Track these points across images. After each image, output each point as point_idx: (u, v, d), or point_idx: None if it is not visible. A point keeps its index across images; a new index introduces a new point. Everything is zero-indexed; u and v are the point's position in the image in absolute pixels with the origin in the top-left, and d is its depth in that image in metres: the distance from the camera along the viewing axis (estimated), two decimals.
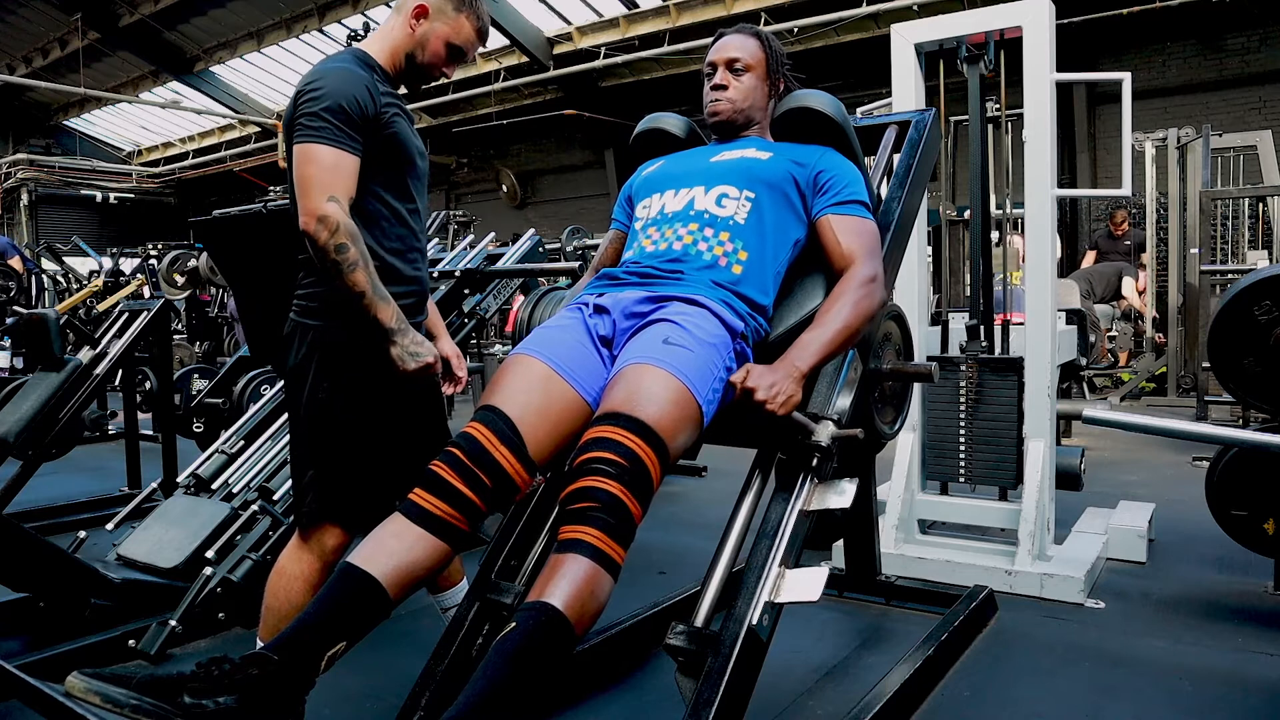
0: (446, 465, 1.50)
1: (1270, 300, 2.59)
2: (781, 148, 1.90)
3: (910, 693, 2.03)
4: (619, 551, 1.39)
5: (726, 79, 1.96)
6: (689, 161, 1.95)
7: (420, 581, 1.49)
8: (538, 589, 1.35)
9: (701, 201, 1.81)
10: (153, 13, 13.40)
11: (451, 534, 1.49)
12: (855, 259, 1.76)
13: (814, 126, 1.91)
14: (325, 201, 1.70)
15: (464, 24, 1.91)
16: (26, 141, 18.10)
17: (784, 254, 1.82)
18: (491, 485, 1.49)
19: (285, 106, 1.86)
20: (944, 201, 5.91)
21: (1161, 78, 9.38)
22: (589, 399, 1.60)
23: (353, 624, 1.44)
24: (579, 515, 1.39)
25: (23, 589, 2.49)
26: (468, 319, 3.38)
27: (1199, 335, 6.15)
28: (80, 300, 8.27)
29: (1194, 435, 2.71)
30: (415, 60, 1.90)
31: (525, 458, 1.52)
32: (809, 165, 1.84)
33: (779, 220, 1.81)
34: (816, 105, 1.91)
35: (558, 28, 12.01)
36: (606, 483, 1.39)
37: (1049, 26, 2.85)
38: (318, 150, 1.72)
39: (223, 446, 3.14)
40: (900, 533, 3.09)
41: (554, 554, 1.39)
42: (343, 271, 1.71)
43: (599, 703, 2.11)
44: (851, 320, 1.66)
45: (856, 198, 1.83)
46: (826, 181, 1.83)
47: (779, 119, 1.95)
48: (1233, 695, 2.12)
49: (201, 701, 1.30)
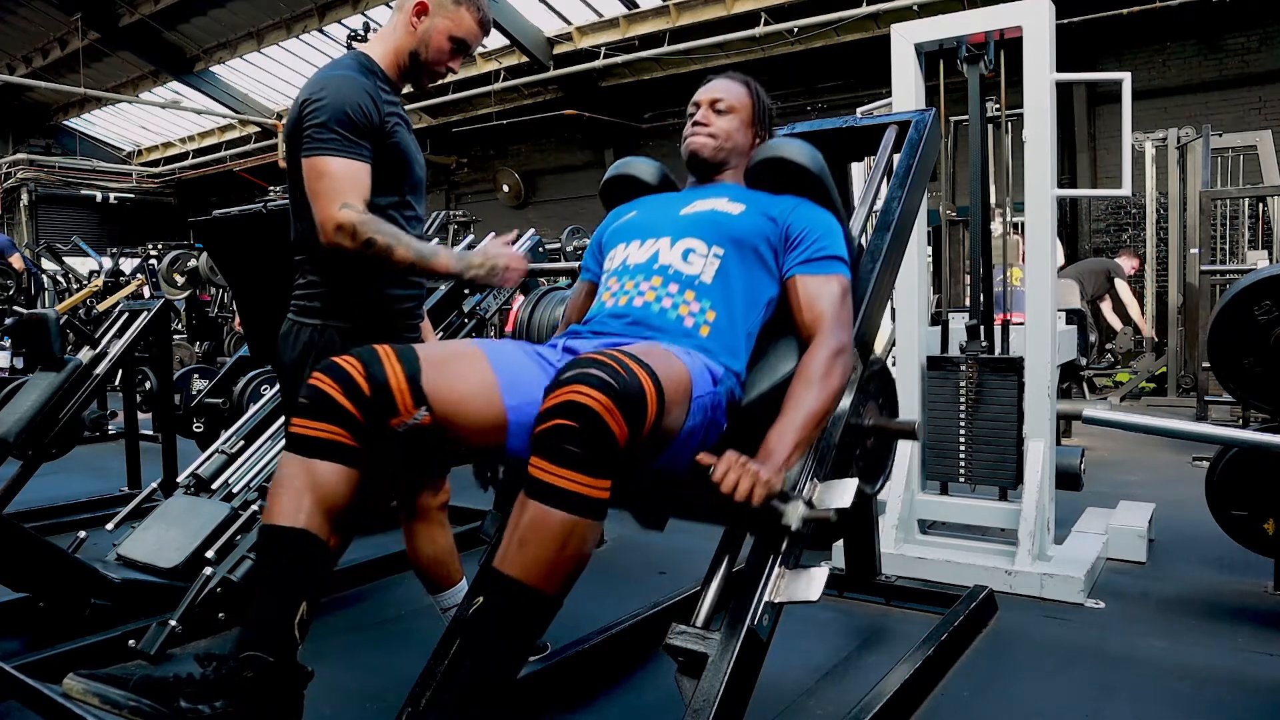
0: (327, 374, 1.43)
1: (1270, 300, 2.59)
2: (755, 199, 1.82)
3: (910, 693, 2.03)
4: (599, 486, 1.27)
5: (708, 117, 1.91)
6: (658, 211, 1.87)
7: (341, 511, 1.43)
8: (503, 548, 1.29)
9: (667, 255, 1.73)
10: (153, 13, 13.39)
11: (343, 453, 1.41)
12: (821, 328, 1.66)
13: (789, 177, 1.83)
14: (339, 210, 1.71)
15: (464, 16, 1.91)
16: (26, 141, 18.08)
17: (756, 314, 1.73)
18: (370, 395, 1.41)
19: (288, 111, 1.87)
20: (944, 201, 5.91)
21: (1161, 78, 9.38)
22: (508, 404, 1.47)
23: (301, 582, 1.40)
24: (549, 444, 1.26)
25: (23, 589, 2.49)
26: (468, 319, 3.39)
27: (1199, 335, 6.15)
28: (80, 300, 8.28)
29: (1194, 435, 2.71)
30: (419, 58, 1.91)
31: (416, 383, 1.43)
32: (781, 219, 1.76)
33: (749, 279, 1.72)
34: (792, 156, 1.83)
35: (558, 28, 12.01)
36: (592, 394, 1.25)
37: (1049, 26, 2.85)
38: (326, 162, 1.74)
39: (223, 446, 3.14)
40: (900, 533, 3.09)
41: (521, 495, 1.29)
42: (386, 258, 1.74)
43: (599, 703, 2.11)
44: (821, 404, 1.57)
45: (828, 253, 1.74)
46: (798, 236, 1.75)
47: (754, 168, 1.88)
48: (1233, 695, 2.12)
49: (198, 706, 1.30)
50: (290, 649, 1.37)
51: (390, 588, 2.96)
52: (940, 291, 6.51)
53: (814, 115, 10.58)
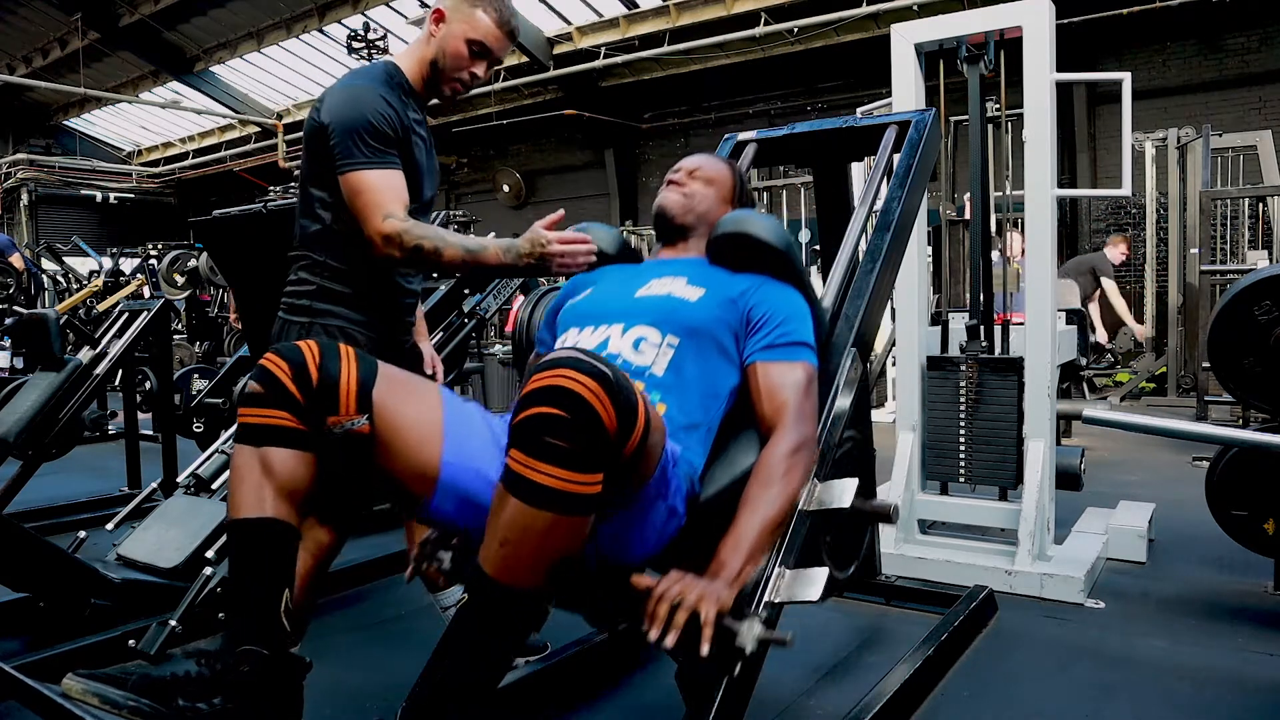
0: (278, 354, 1.41)
1: (1270, 300, 2.59)
2: (715, 280, 1.69)
3: (910, 693, 2.03)
4: (588, 481, 1.18)
5: (685, 180, 1.85)
6: (613, 290, 1.76)
7: (304, 495, 1.41)
8: (485, 545, 1.25)
9: (616, 343, 1.61)
10: (153, 13, 13.39)
11: (292, 437, 1.39)
12: (781, 420, 1.54)
13: (754, 253, 1.71)
14: (382, 221, 1.72)
15: (480, 18, 1.88)
16: (26, 141, 18.09)
17: (716, 406, 1.60)
18: (317, 386, 1.38)
19: (311, 110, 1.87)
20: (944, 201, 5.91)
21: (1161, 78, 9.38)
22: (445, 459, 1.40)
23: (278, 571, 1.39)
24: (532, 436, 1.17)
25: (23, 589, 2.49)
26: (468, 319, 3.39)
27: (1199, 335, 6.15)
28: (80, 300, 8.27)
29: (1194, 435, 2.71)
30: (439, 66, 1.90)
31: (366, 392, 1.39)
32: (742, 302, 1.64)
33: (706, 370, 1.59)
34: (756, 231, 1.71)
35: (558, 28, 12.02)
36: (581, 379, 1.17)
37: (1049, 26, 2.85)
38: (361, 177, 1.75)
39: (223, 446, 3.14)
40: (900, 533, 3.09)
41: (499, 486, 1.22)
42: (437, 263, 1.74)
43: (599, 703, 2.11)
44: (780, 509, 1.45)
45: (792, 338, 1.62)
46: (761, 319, 1.63)
47: (715, 240, 1.76)
48: (1233, 695, 2.12)
49: (197, 704, 1.30)
50: (283, 640, 1.37)
51: (390, 588, 2.96)
52: (940, 291, 6.51)
53: (814, 115, 10.59)
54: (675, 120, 13.22)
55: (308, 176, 1.88)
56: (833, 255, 2.08)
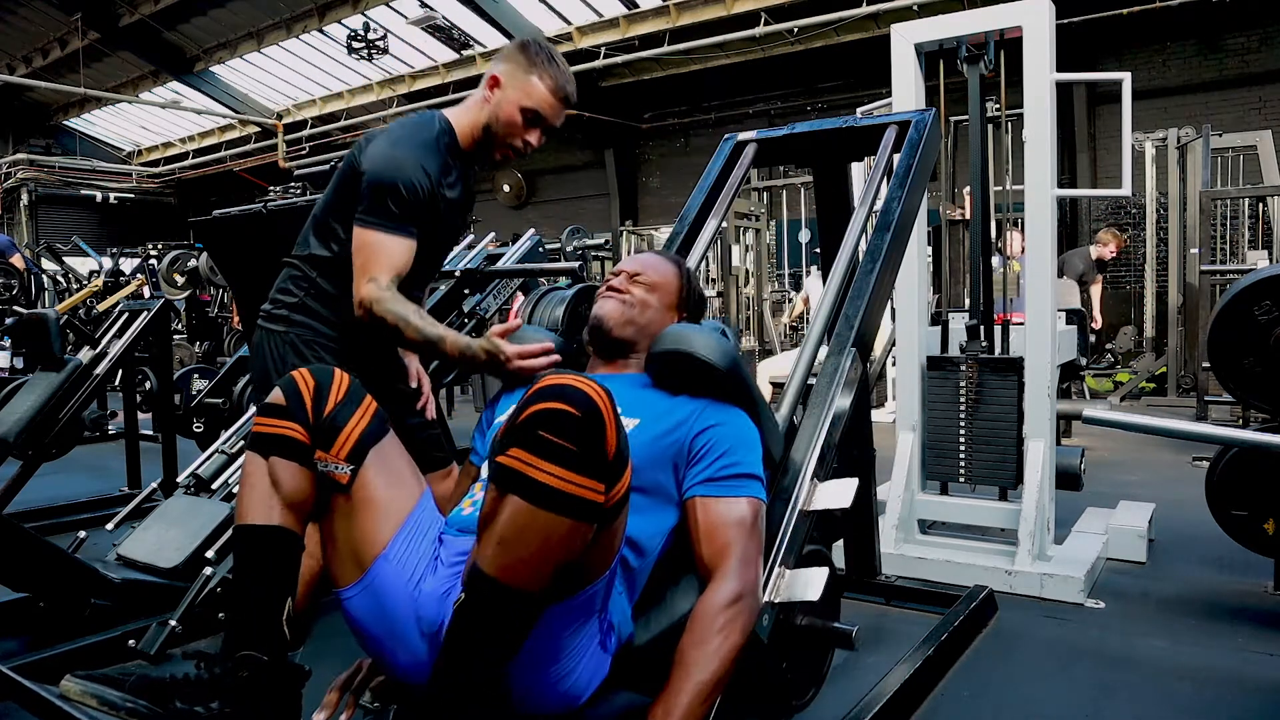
0: (314, 374, 1.41)
1: (1270, 300, 2.59)
2: (653, 406, 1.52)
3: (910, 693, 2.03)
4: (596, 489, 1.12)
5: (626, 285, 1.68)
6: None
7: (308, 503, 1.41)
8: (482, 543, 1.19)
9: None
10: (153, 13, 13.38)
11: (298, 450, 1.38)
12: (720, 566, 1.39)
13: (696, 375, 1.53)
14: (364, 284, 1.76)
15: (535, 86, 1.89)
16: (26, 141, 18.07)
17: (652, 548, 1.47)
18: (326, 416, 1.38)
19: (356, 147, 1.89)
20: (944, 201, 5.91)
21: (1161, 78, 9.38)
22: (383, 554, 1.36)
23: (282, 578, 1.39)
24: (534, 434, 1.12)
25: (23, 589, 2.49)
26: (468, 319, 3.38)
27: (1199, 335, 6.15)
28: (80, 300, 8.27)
29: (1194, 435, 2.71)
30: (491, 130, 1.91)
31: (363, 449, 1.38)
32: (682, 430, 1.48)
33: (641, 508, 1.41)
34: (698, 350, 1.52)
35: (558, 28, 12.01)
36: (591, 386, 1.14)
37: (1049, 26, 2.85)
38: (371, 236, 1.79)
39: (223, 446, 3.14)
40: (900, 533, 3.09)
41: (492, 486, 1.17)
42: (398, 338, 1.77)
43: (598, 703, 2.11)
44: (716, 670, 1.31)
45: (736, 470, 1.46)
46: (702, 448, 1.47)
47: (654, 359, 1.57)
48: (1233, 695, 2.12)
49: (194, 707, 1.30)
50: (283, 646, 1.37)
51: None
52: (940, 291, 6.51)
53: (814, 115, 10.59)
54: (675, 120, 13.23)
55: (330, 206, 1.91)
56: (833, 255, 2.08)
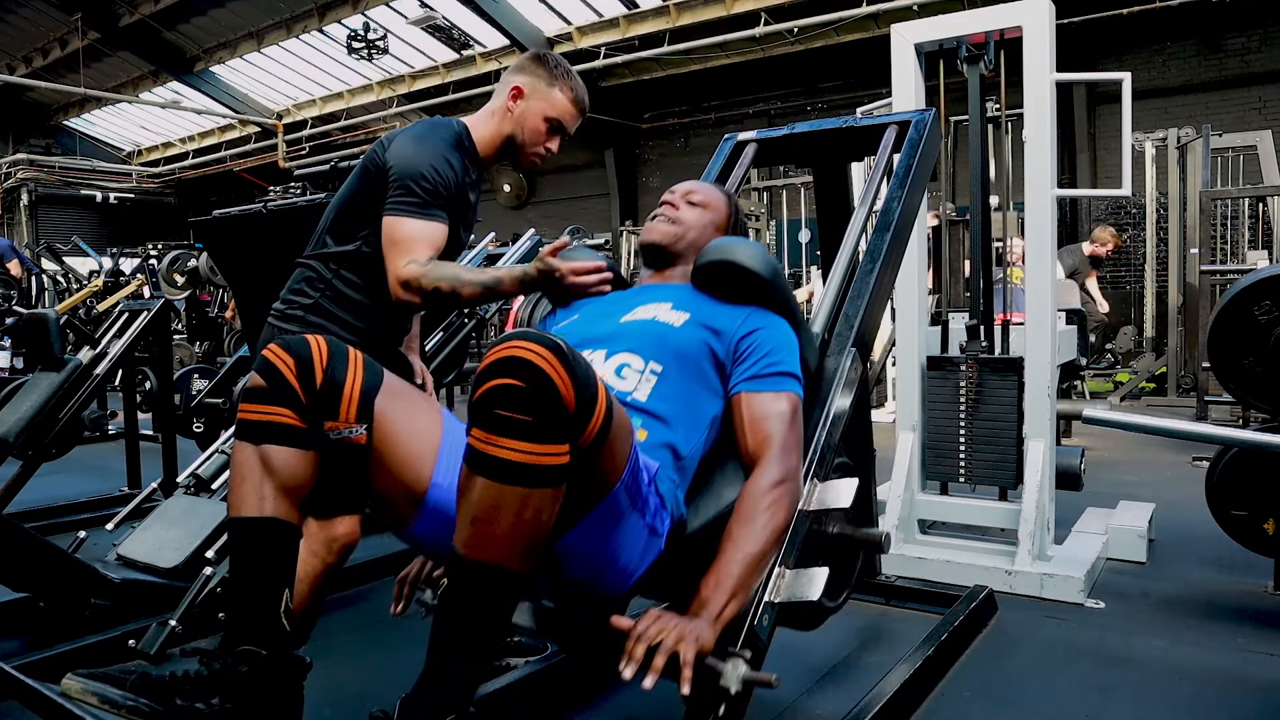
0: (285, 348, 1.37)
1: (1270, 300, 2.59)
2: (701, 307, 1.65)
3: (910, 693, 2.03)
4: (554, 451, 1.15)
5: (680, 203, 1.82)
6: (598, 316, 1.72)
7: (305, 492, 1.40)
8: (458, 526, 1.22)
9: (599, 369, 1.56)
10: (153, 13, 13.39)
11: (293, 435, 1.36)
12: (766, 452, 1.50)
13: (740, 282, 1.66)
14: (404, 266, 1.77)
15: (558, 97, 1.97)
16: (26, 141, 18.09)
17: (698, 436, 1.56)
18: (320, 385, 1.35)
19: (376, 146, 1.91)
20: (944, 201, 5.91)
21: (1161, 78, 9.38)
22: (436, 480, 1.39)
23: (279, 571, 1.38)
24: (488, 412, 1.15)
25: (23, 589, 2.49)
26: (468, 319, 3.38)
27: (1199, 335, 6.15)
28: (80, 300, 8.27)
29: (1194, 435, 2.71)
30: (516, 140, 1.98)
31: (369, 401, 1.37)
32: (729, 331, 1.60)
33: (689, 397, 1.55)
34: (742, 259, 1.65)
35: (558, 28, 12.01)
36: (536, 349, 1.14)
37: (1049, 26, 2.85)
38: (402, 223, 1.80)
39: (223, 446, 3.14)
40: (900, 533, 3.09)
41: (463, 466, 1.20)
42: (456, 300, 1.79)
43: (599, 703, 2.11)
44: (763, 545, 1.42)
45: (778, 369, 1.58)
46: (747, 349, 1.59)
47: (700, 269, 1.70)
48: (1233, 695, 2.12)
49: (195, 704, 1.30)
50: (282, 640, 1.37)
51: (391, 587, 2.95)
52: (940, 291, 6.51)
53: (814, 115, 10.59)
54: (675, 120, 13.23)
55: (349, 205, 1.92)
56: (833, 255, 2.08)
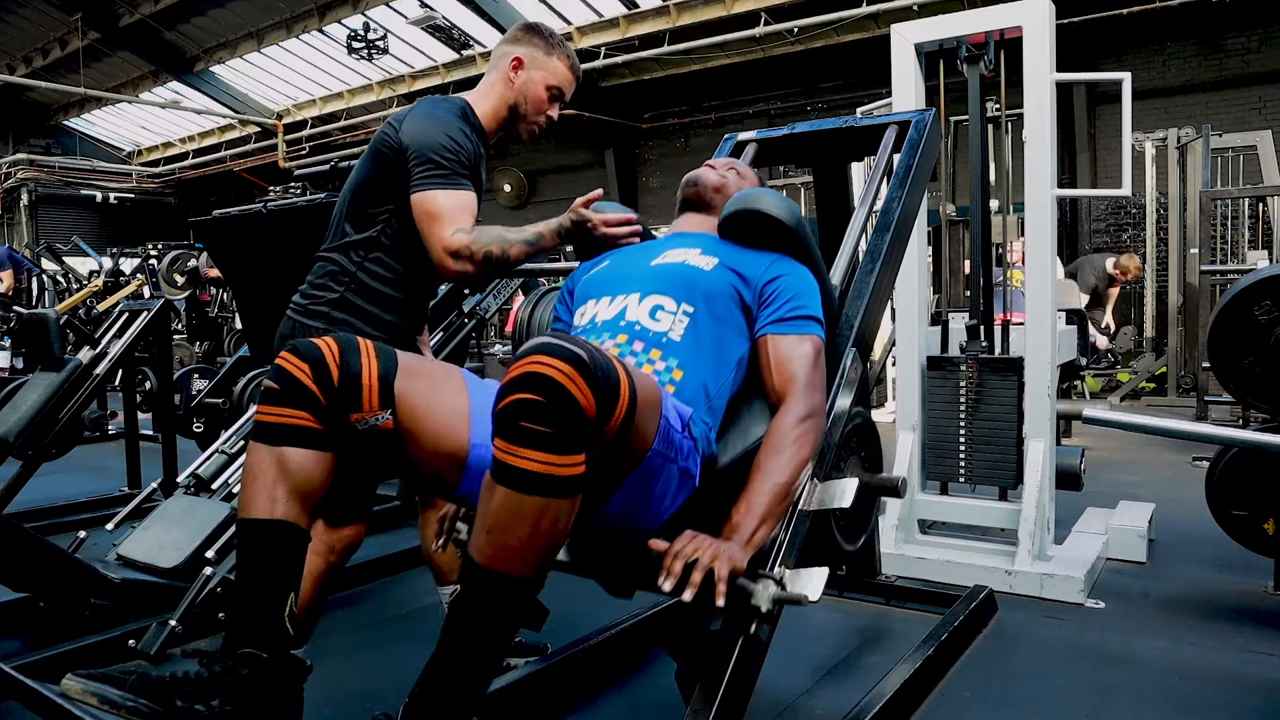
0: (294, 353, 1.38)
1: (1270, 300, 2.59)
2: (728, 253, 1.74)
3: (910, 693, 2.03)
4: (570, 463, 1.18)
5: (722, 167, 1.96)
6: (628, 263, 1.79)
7: (317, 495, 1.40)
8: (474, 534, 1.24)
9: (634, 312, 1.65)
10: (153, 13, 13.38)
11: (310, 437, 1.37)
12: (791, 390, 1.58)
13: (764, 230, 1.75)
14: (449, 235, 1.76)
15: (558, 65, 2.02)
16: (26, 141, 18.07)
17: (725, 375, 1.64)
18: (338, 383, 1.36)
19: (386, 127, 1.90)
20: (944, 201, 5.91)
21: (1161, 78, 9.38)
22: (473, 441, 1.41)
23: (285, 574, 1.38)
24: (511, 424, 1.17)
25: (23, 589, 2.49)
26: (468, 319, 3.39)
27: (1199, 335, 6.15)
28: (80, 300, 8.28)
29: (1194, 435, 2.71)
30: (519, 110, 2.01)
31: (388, 385, 1.38)
32: (755, 277, 1.69)
33: (719, 338, 1.64)
34: (768, 208, 1.74)
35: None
36: (556, 364, 1.16)
37: (1049, 26, 2.85)
38: (434, 196, 1.79)
39: (223, 446, 3.14)
40: (900, 533, 3.09)
41: (487, 477, 1.22)
42: (505, 265, 1.81)
43: (599, 703, 2.11)
44: (790, 475, 1.49)
45: (802, 312, 1.66)
46: (772, 294, 1.67)
47: (727, 219, 1.79)
48: (1232, 695, 2.12)
49: (194, 705, 1.30)
50: (284, 643, 1.37)
51: (391, 587, 2.96)
52: (940, 291, 6.51)
53: (814, 115, 10.59)
54: (675, 120, 13.22)
55: (365, 188, 1.90)
56: (833, 255, 2.08)
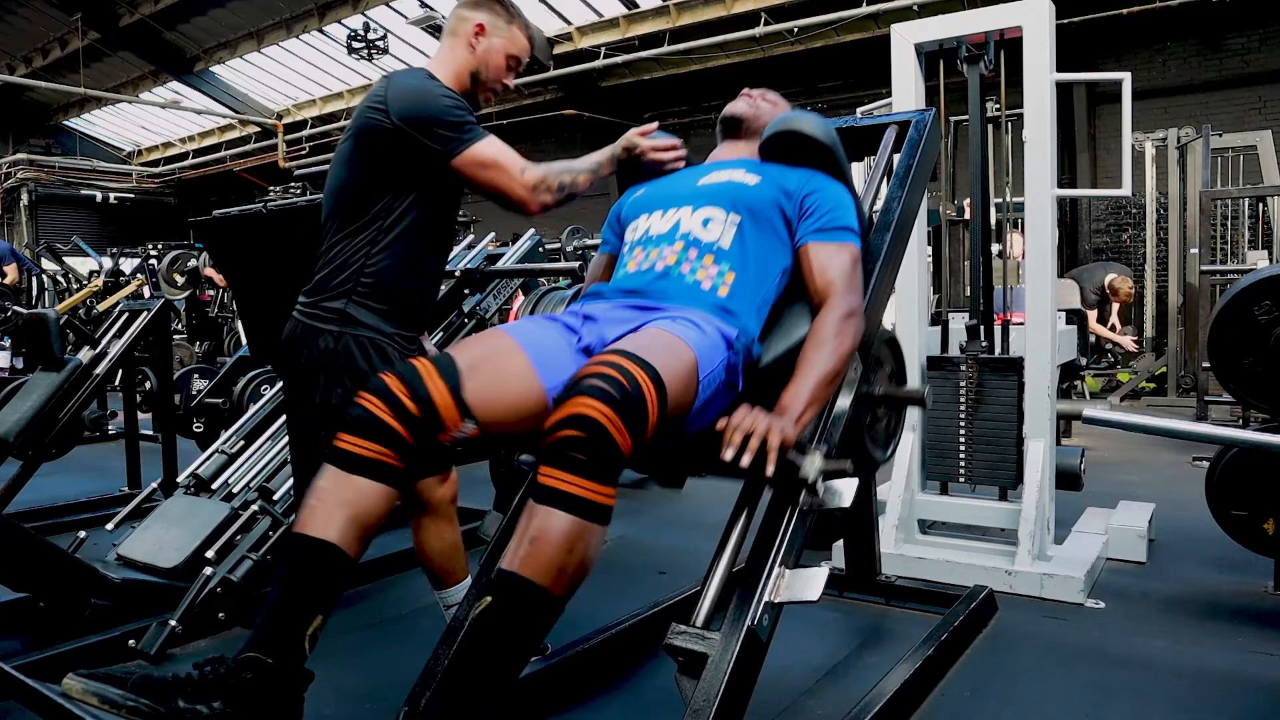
0: (374, 396, 1.44)
1: (1270, 300, 2.59)
2: (769, 171, 1.87)
3: (910, 693, 2.03)
4: (604, 492, 1.31)
5: (758, 98, 2.07)
6: (676, 184, 1.93)
7: (372, 529, 1.45)
8: (510, 550, 1.30)
9: (687, 223, 1.79)
10: (153, 13, 13.39)
11: (386, 473, 1.43)
12: (832, 292, 1.71)
13: (803, 149, 1.88)
14: (521, 174, 1.84)
15: (517, 34, 2.03)
16: (26, 141, 18.07)
17: (770, 281, 1.77)
18: (419, 415, 1.42)
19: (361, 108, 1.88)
20: (944, 201, 5.92)
21: (1161, 78, 9.38)
22: (548, 386, 1.51)
23: (320, 595, 1.40)
24: (559, 453, 1.30)
25: (23, 589, 2.49)
26: (468, 319, 3.38)
27: (1199, 335, 6.15)
28: (80, 300, 8.28)
29: (1194, 435, 2.71)
30: (480, 77, 2.01)
31: (460, 398, 1.44)
32: (796, 191, 1.81)
33: (764, 246, 1.77)
34: (806, 129, 1.87)
35: (558, 28, 12.01)
36: (597, 406, 1.29)
37: (1049, 26, 2.85)
38: (478, 150, 1.84)
39: (223, 446, 3.14)
40: (900, 533, 3.09)
41: (530, 502, 1.32)
42: (574, 193, 1.91)
43: (599, 703, 2.11)
44: (834, 366, 1.62)
45: (840, 224, 1.79)
46: (811, 207, 1.80)
47: (768, 140, 1.93)
48: (1233, 695, 2.13)
49: (196, 706, 1.30)
50: (296, 657, 1.38)
51: (390, 588, 2.96)
52: (940, 291, 6.51)
53: None
54: (675, 120, 13.21)
55: (358, 177, 1.87)
56: None
